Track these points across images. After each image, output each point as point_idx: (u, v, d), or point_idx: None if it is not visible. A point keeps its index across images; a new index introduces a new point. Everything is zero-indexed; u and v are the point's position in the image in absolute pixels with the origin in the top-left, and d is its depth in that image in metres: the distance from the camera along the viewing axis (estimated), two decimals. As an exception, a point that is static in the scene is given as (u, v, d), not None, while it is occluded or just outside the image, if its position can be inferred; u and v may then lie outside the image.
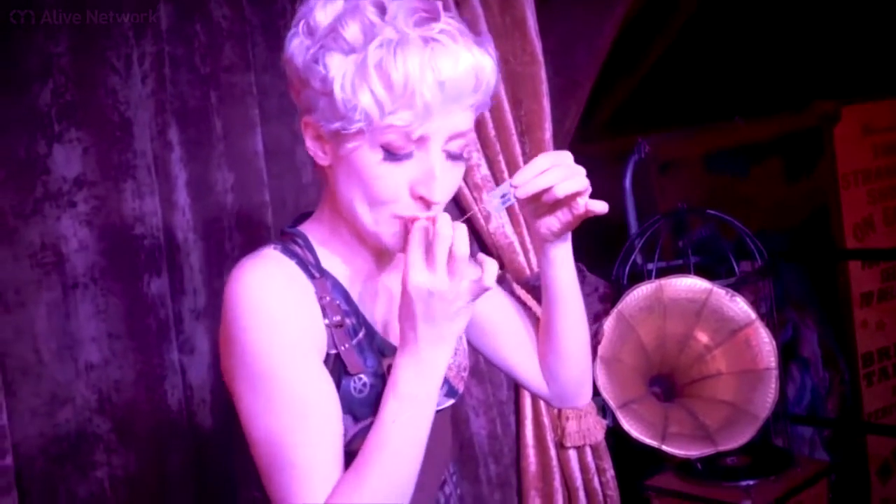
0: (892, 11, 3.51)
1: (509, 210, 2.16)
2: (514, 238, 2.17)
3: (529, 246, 2.18)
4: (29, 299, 1.81)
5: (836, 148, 3.74)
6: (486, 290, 1.09)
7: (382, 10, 1.11)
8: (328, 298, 1.17)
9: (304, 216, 1.29)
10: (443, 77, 1.07)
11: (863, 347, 3.79)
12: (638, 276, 2.70)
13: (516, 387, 2.27)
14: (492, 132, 2.15)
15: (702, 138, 3.75)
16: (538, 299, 2.19)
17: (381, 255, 1.25)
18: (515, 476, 2.39)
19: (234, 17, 2.02)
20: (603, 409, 2.32)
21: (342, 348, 1.16)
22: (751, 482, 2.46)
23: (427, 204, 1.13)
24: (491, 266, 1.10)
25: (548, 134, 2.19)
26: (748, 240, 2.78)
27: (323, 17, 1.13)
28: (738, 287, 2.51)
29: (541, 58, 2.18)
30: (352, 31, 1.10)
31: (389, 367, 1.16)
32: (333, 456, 1.12)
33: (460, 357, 1.34)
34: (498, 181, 2.14)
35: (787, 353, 3.70)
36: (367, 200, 1.14)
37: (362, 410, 1.17)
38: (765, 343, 2.35)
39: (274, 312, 1.11)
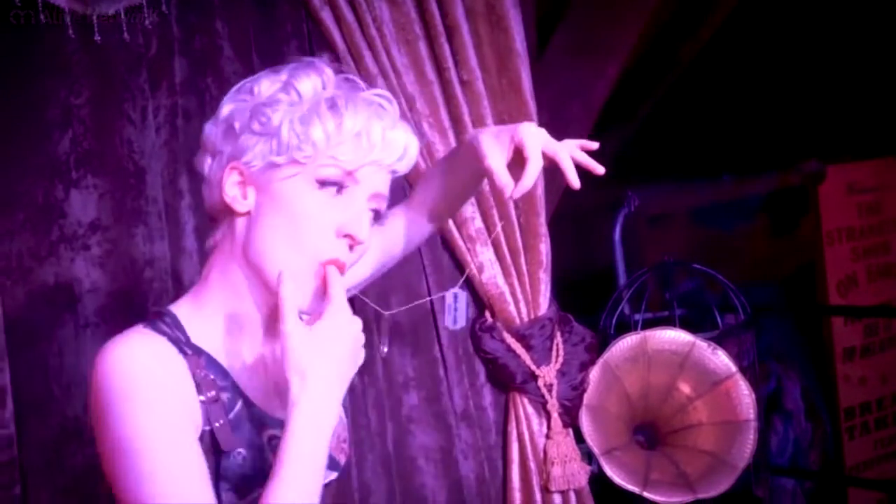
0: (879, 75, 3.65)
1: (501, 261, 2.25)
2: (504, 288, 2.26)
3: (521, 296, 2.27)
4: (42, 337, 1.90)
5: (821, 206, 3.87)
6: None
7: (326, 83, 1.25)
8: (202, 374, 1.17)
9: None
10: (384, 129, 1.22)
11: (845, 401, 3.88)
12: (625, 327, 2.79)
13: (504, 432, 2.34)
14: (486, 186, 2.25)
15: (690, 193, 3.88)
16: (528, 347, 2.29)
17: (264, 325, 1.26)
18: (502, 519, 2.46)
19: (244, 72, 2.12)
20: (588, 456, 2.40)
21: (216, 425, 1.16)
22: (728, 531, 2.54)
23: (352, 245, 1.21)
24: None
25: (539, 189, 2.29)
26: (732, 294, 2.88)
27: (267, 85, 1.23)
28: (721, 340, 2.60)
29: (535, 119, 2.28)
30: (304, 86, 1.22)
31: (270, 437, 1.20)
32: None
33: (339, 428, 1.31)
34: (491, 232, 2.24)
35: (771, 404, 3.79)
36: (293, 241, 1.19)
37: (245, 484, 1.18)
38: (744, 395, 2.45)
39: (146, 390, 1.11)
